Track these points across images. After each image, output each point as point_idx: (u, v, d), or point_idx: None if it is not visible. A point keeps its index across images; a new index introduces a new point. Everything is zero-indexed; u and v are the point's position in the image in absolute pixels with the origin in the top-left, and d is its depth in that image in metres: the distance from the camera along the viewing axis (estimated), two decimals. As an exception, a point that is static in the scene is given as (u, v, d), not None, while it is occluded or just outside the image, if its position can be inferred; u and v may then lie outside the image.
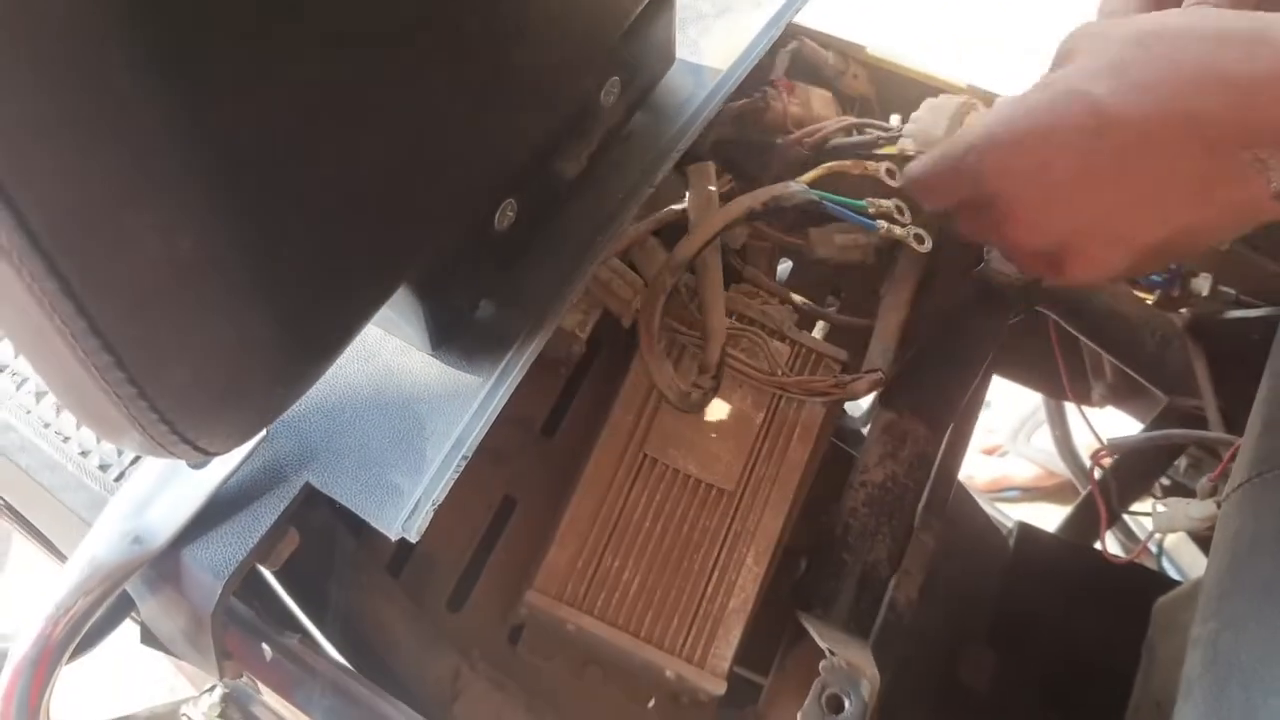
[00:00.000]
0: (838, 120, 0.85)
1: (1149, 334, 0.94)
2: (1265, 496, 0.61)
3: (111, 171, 0.37)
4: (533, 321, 0.65)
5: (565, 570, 0.74)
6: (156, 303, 0.41)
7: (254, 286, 0.44)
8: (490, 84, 0.53)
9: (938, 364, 0.84)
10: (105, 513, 0.58)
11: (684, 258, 0.72)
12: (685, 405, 0.72)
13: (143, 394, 0.43)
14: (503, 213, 0.62)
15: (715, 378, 0.73)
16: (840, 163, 0.80)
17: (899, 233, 0.79)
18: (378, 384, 0.64)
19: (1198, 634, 0.62)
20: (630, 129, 0.73)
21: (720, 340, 0.73)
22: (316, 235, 0.46)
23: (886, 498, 0.82)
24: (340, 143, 0.45)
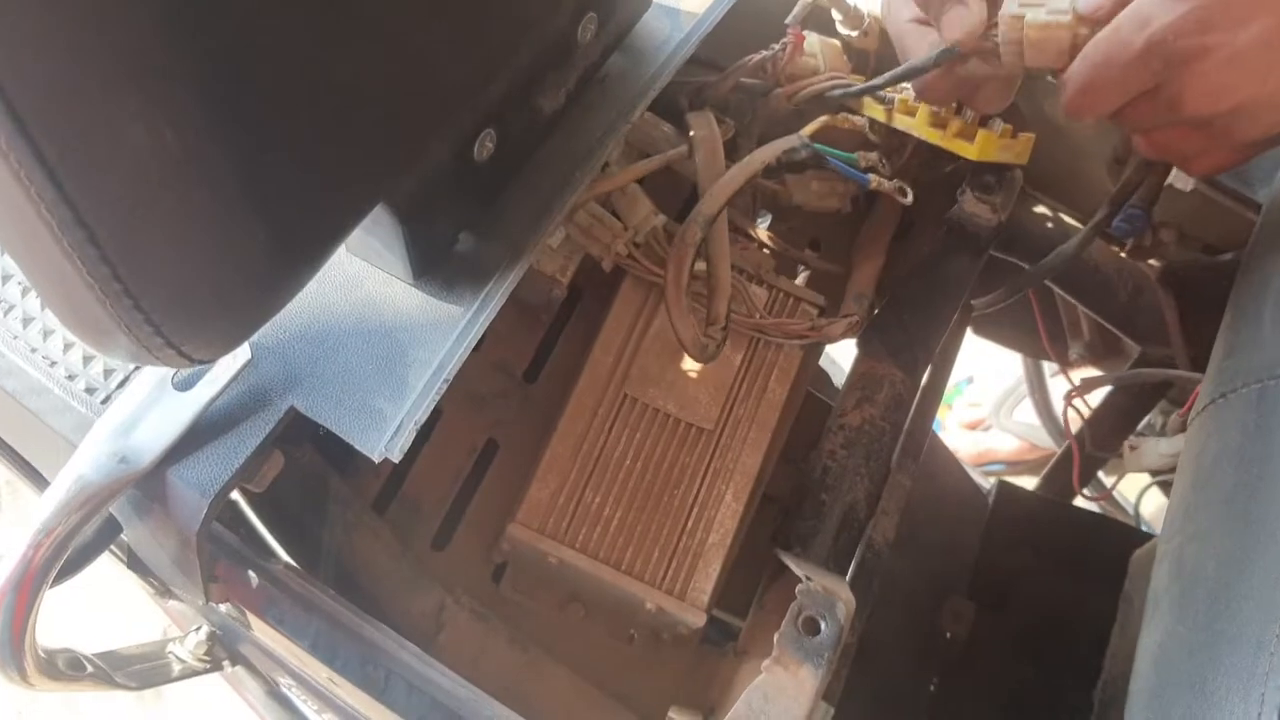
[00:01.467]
0: (825, 76, 0.86)
1: (1122, 285, 0.96)
2: (1226, 415, 0.63)
3: (97, 54, 0.38)
4: (512, 253, 0.67)
5: (547, 505, 0.76)
6: (142, 198, 0.42)
7: (238, 187, 0.45)
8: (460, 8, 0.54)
9: (912, 309, 0.85)
10: (91, 433, 0.59)
11: (711, 213, 0.73)
12: (703, 355, 0.74)
13: (128, 291, 0.44)
14: (481, 143, 0.63)
15: (724, 329, 0.74)
16: (831, 116, 0.82)
17: (887, 186, 0.80)
18: (361, 313, 0.66)
19: (1164, 550, 0.63)
20: (606, 71, 0.75)
21: (727, 293, 0.75)
22: (300, 138, 0.47)
23: (863, 439, 0.84)
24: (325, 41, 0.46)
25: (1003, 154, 0.83)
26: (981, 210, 0.81)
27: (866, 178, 0.84)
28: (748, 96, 0.88)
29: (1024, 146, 0.84)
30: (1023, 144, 0.84)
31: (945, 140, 0.83)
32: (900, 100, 0.86)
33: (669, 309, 0.74)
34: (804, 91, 0.87)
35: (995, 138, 0.82)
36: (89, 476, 0.58)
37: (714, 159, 0.81)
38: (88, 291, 0.44)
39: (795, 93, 0.87)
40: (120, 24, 0.38)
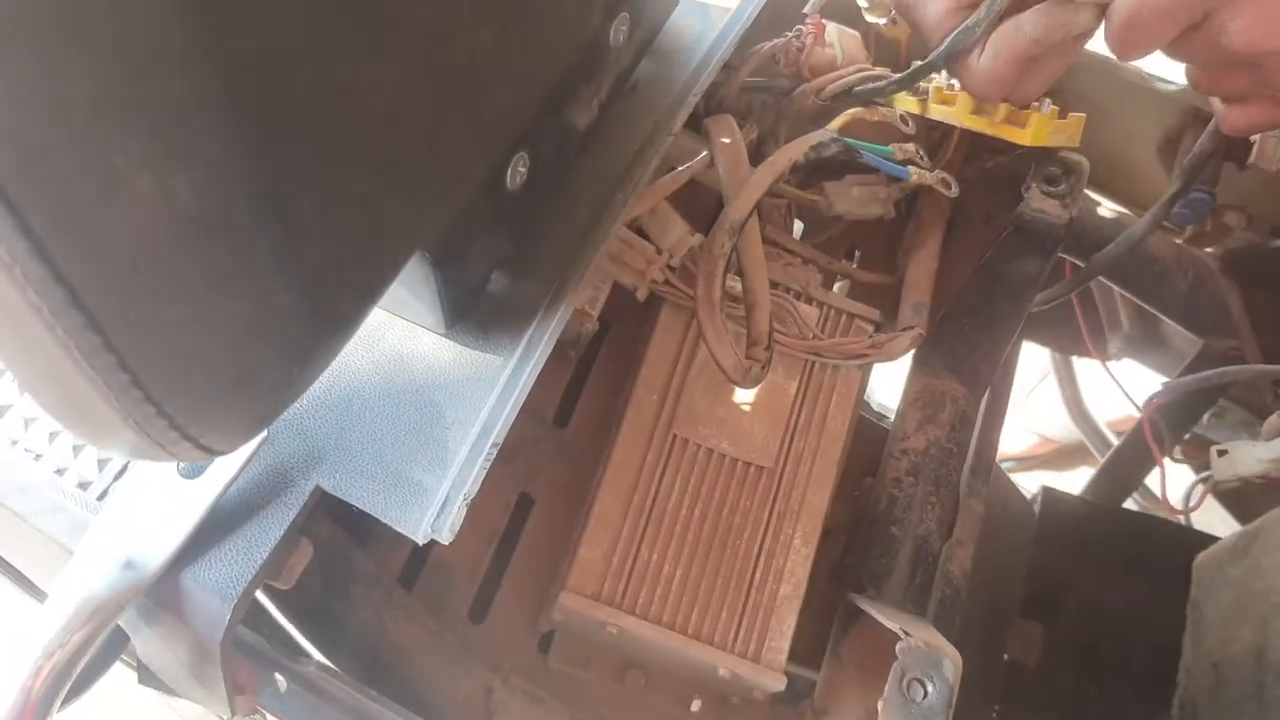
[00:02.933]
0: (853, 69, 0.78)
1: (1181, 275, 0.89)
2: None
3: (92, 94, 0.29)
4: (553, 291, 0.59)
5: (600, 567, 0.68)
6: (151, 267, 0.34)
7: (266, 245, 0.37)
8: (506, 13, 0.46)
9: (974, 317, 0.78)
10: (89, 536, 0.51)
11: (738, 219, 0.65)
12: (745, 380, 0.65)
13: (137, 382, 0.36)
14: (514, 169, 0.55)
15: (768, 348, 0.66)
16: (860, 109, 0.74)
17: (929, 178, 0.73)
18: (387, 371, 0.57)
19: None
20: (637, 78, 0.67)
21: (767, 307, 0.67)
22: (337, 180, 0.39)
23: (930, 465, 0.76)
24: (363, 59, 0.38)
25: (1055, 137, 0.76)
26: (1050, 206, 0.73)
27: (906, 171, 0.77)
28: (770, 97, 0.80)
29: (1075, 127, 0.77)
30: (1074, 125, 0.77)
31: (993, 127, 0.76)
32: (935, 89, 0.79)
33: (702, 330, 0.66)
34: (832, 86, 0.80)
35: (1048, 120, 0.75)
36: (91, 588, 0.49)
37: (738, 164, 0.73)
38: (88, 385, 0.35)
39: (822, 88, 0.80)
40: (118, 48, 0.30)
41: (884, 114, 0.80)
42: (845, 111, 0.74)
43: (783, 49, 0.79)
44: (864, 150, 0.71)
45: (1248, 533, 0.86)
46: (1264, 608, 0.81)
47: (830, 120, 0.79)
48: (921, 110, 0.80)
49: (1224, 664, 0.87)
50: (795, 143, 0.69)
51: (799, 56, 0.78)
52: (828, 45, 0.83)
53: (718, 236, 0.66)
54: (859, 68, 0.81)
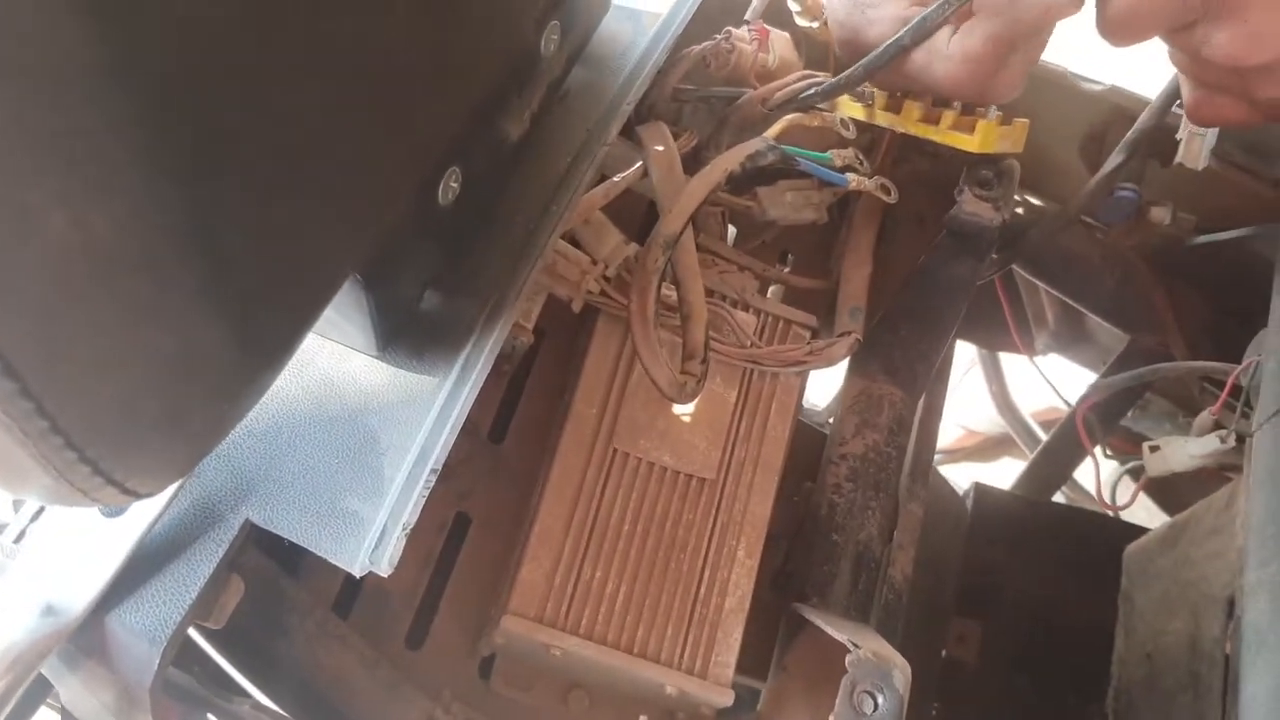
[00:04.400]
0: (799, 77, 0.77)
1: (1108, 272, 0.90)
2: (1310, 421, 0.57)
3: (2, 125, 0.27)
4: (489, 308, 0.57)
5: (542, 588, 0.66)
6: (69, 306, 0.32)
7: (191, 280, 0.35)
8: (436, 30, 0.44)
9: (910, 321, 0.78)
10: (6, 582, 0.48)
11: (673, 232, 0.64)
12: (680, 396, 0.64)
13: (56, 427, 0.33)
14: (446, 185, 0.54)
15: (704, 362, 0.65)
16: (800, 115, 0.74)
17: (868, 184, 0.72)
18: (318, 397, 0.55)
19: (1257, 578, 0.57)
20: (568, 86, 0.65)
21: (703, 319, 0.66)
22: (259, 210, 0.37)
23: (870, 469, 0.76)
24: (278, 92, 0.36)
25: (1002, 143, 0.76)
26: (983, 209, 0.73)
27: (844, 178, 0.76)
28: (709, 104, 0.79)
29: (1020, 133, 0.77)
30: (1019, 130, 0.77)
31: (941, 135, 0.76)
32: (878, 94, 0.79)
33: (636, 346, 0.65)
34: (780, 94, 0.78)
35: (994, 125, 0.75)
36: (9, 637, 0.47)
37: (671, 173, 0.72)
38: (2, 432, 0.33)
39: (768, 96, 0.79)
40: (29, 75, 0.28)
41: (824, 119, 0.79)
42: (783, 118, 0.73)
43: (712, 52, 0.78)
44: (801, 158, 0.71)
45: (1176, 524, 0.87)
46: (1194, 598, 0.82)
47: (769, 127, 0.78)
48: (867, 116, 0.79)
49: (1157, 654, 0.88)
50: (731, 152, 0.68)
51: (730, 59, 0.77)
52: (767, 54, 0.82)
53: (651, 251, 0.65)
54: (804, 74, 0.80)
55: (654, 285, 0.64)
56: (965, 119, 0.73)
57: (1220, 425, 0.74)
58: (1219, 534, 0.80)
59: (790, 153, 0.70)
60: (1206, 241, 0.83)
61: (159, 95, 0.31)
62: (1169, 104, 0.74)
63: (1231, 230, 0.81)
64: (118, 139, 0.30)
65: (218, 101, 0.33)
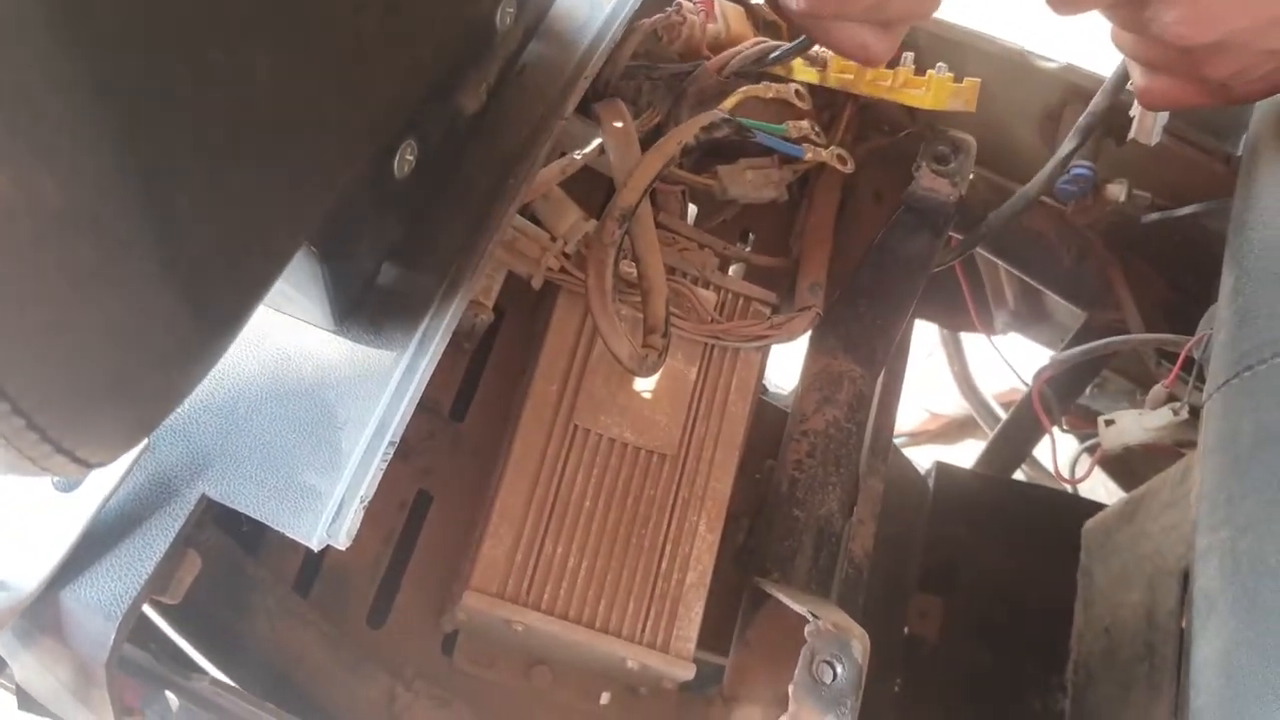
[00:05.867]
0: (753, 43, 0.78)
1: (1065, 250, 0.91)
2: (1258, 390, 0.57)
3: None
4: (447, 282, 0.57)
5: (503, 564, 0.66)
6: (14, 268, 0.31)
7: (141, 244, 0.35)
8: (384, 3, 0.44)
9: (870, 297, 0.78)
10: (-44, 559, 0.47)
11: (628, 206, 0.64)
12: (641, 369, 0.64)
13: (3, 393, 0.33)
14: (402, 157, 0.53)
15: (665, 335, 0.65)
16: (753, 86, 0.74)
17: (824, 155, 0.73)
18: (274, 371, 0.55)
19: (1207, 543, 0.58)
20: (526, 61, 0.65)
21: (664, 293, 0.66)
22: (209, 174, 0.37)
23: (830, 445, 0.77)
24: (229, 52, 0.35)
25: (954, 100, 0.77)
26: (940, 185, 0.74)
27: (799, 149, 0.77)
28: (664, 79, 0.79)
29: (971, 92, 0.78)
30: (970, 89, 0.78)
31: (893, 93, 0.76)
32: (833, 59, 0.79)
33: (595, 320, 0.65)
34: (733, 63, 0.79)
35: (946, 81, 0.75)
36: (-42, 615, 0.46)
37: (628, 149, 0.72)
38: (-55, 399, 0.32)
39: (722, 65, 0.79)
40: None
41: (778, 90, 0.79)
42: (739, 90, 0.73)
43: (664, 24, 0.78)
44: (757, 130, 0.71)
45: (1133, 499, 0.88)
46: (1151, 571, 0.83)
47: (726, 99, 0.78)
48: (821, 79, 0.80)
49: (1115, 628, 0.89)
50: (685, 125, 0.68)
51: (682, 30, 0.77)
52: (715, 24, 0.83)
53: (607, 224, 0.65)
54: (756, 40, 0.80)
55: (611, 259, 0.64)
56: (917, 77, 0.74)
57: (1174, 398, 0.75)
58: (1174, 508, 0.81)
59: (745, 125, 0.70)
60: (1161, 218, 0.84)
61: (105, 53, 0.31)
62: (1123, 82, 0.75)
63: (1185, 206, 0.82)
64: (61, 98, 0.30)
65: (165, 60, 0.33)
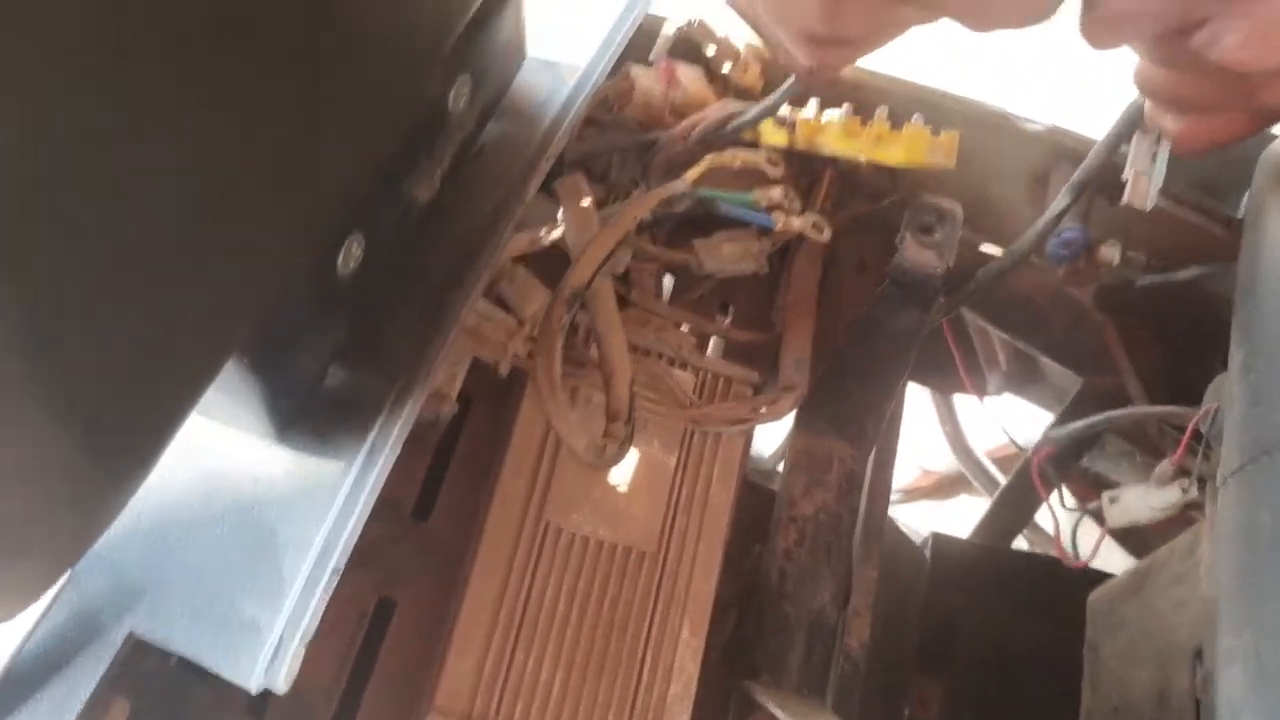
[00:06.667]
0: (720, 108, 0.74)
1: (1058, 314, 0.87)
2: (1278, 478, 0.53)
3: None
4: (400, 384, 0.52)
5: (471, 679, 0.61)
6: None
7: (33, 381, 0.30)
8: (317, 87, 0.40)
9: (857, 374, 0.74)
10: None
11: (578, 286, 0.60)
12: (600, 462, 0.60)
13: None
14: (347, 252, 0.49)
15: (629, 423, 0.61)
16: (719, 155, 0.70)
17: (796, 224, 0.69)
18: (209, 489, 0.50)
19: (1230, 646, 0.53)
20: (484, 142, 0.61)
21: (627, 377, 0.62)
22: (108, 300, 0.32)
23: (821, 532, 0.72)
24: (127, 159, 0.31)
25: (931, 155, 0.73)
26: (926, 257, 0.70)
27: (769, 219, 0.73)
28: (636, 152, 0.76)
29: (950, 144, 0.75)
30: (948, 141, 0.75)
31: (865, 149, 0.73)
32: (802, 121, 0.76)
33: (545, 410, 0.61)
34: (698, 130, 0.75)
35: (922, 134, 0.72)
36: None
37: (588, 228, 0.68)
38: None
39: (687, 133, 0.75)
40: None
41: (745, 159, 0.75)
42: (704, 160, 0.70)
43: (614, 92, 0.74)
44: (721, 201, 0.67)
45: (1140, 570, 0.84)
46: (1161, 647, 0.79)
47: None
48: (789, 143, 0.76)
49: (1125, 709, 0.85)
50: (641, 199, 0.64)
51: (632, 96, 0.74)
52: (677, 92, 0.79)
53: (555, 307, 0.60)
54: (723, 104, 0.77)
55: (559, 345, 0.60)
56: (890, 133, 0.70)
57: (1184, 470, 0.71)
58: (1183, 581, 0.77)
59: (709, 196, 0.66)
60: (1158, 281, 0.80)
61: None
62: (1118, 140, 0.71)
63: (1184, 270, 0.78)
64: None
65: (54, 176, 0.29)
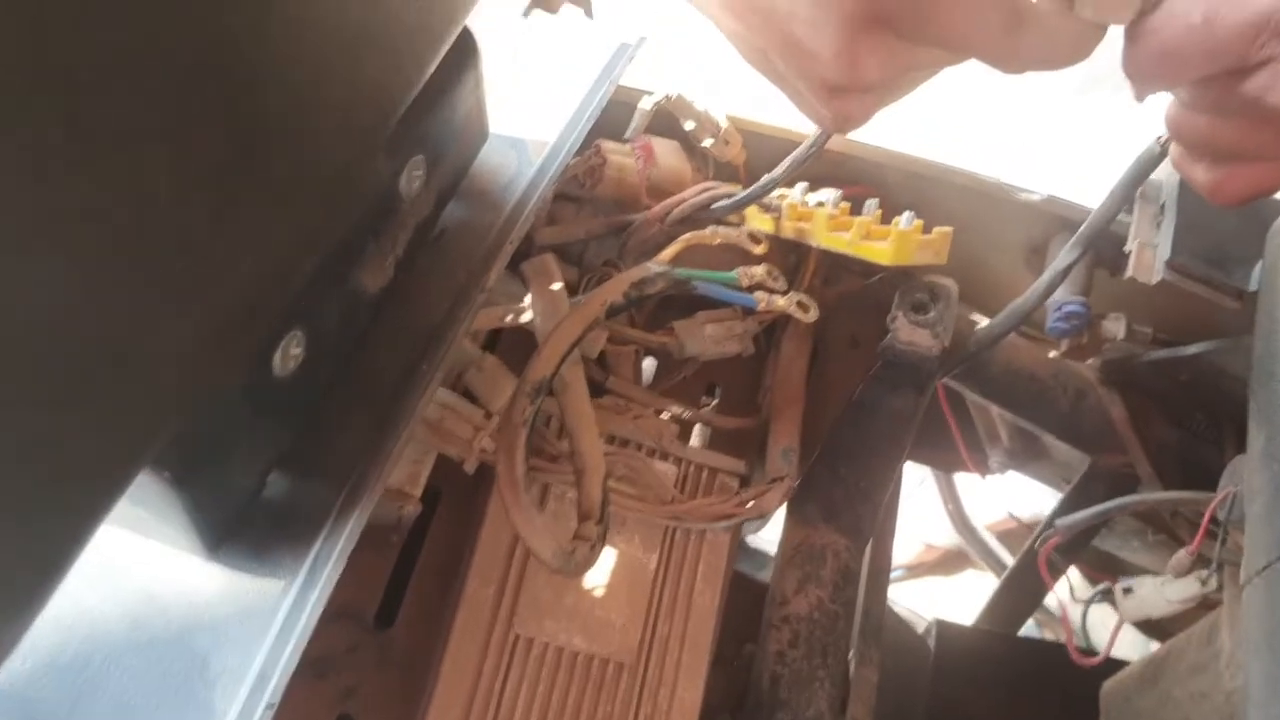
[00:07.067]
0: (699, 189, 0.70)
1: (1061, 391, 0.83)
2: (1311, 578, 0.49)
3: None
4: (347, 491, 0.48)
5: (435, 807, 0.56)
6: None
7: None
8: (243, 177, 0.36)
9: (848, 461, 0.70)
10: None
11: (541, 377, 0.56)
12: (570, 568, 0.55)
13: None
14: (285, 351, 0.45)
15: (601, 522, 0.56)
16: (698, 233, 0.66)
17: (780, 303, 0.65)
18: (135, 614, 0.45)
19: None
20: (444, 225, 0.57)
21: (600, 474, 0.57)
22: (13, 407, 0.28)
23: (816, 632, 0.67)
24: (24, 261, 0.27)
25: (920, 254, 0.70)
26: (920, 336, 0.66)
27: (750, 299, 0.69)
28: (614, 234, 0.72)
29: (942, 244, 0.71)
30: (940, 240, 0.71)
31: (852, 246, 0.69)
32: (789, 205, 0.72)
33: (508, 512, 0.56)
34: (676, 211, 0.72)
35: (911, 235, 0.68)
36: None
37: (556, 313, 0.64)
38: None
39: (665, 214, 0.72)
40: None
41: (725, 236, 0.72)
42: (681, 238, 0.66)
43: (584, 169, 0.71)
44: (699, 280, 0.63)
45: (1155, 660, 0.79)
46: (1181, 743, 0.74)
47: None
48: (775, 229, 0.73)
49: (1145, 806, 0.79)
50: (611, 282, 0.60)
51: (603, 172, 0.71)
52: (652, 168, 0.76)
53: (517, 401, 0.56)
54: (704, 186, 0.73)
55: (522, 441, 0.55)
56: (879, 228, 0.67)
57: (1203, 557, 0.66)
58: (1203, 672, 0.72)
59: (684, 276, 0.62)
60: (1166, 356, 0.76)
61: None
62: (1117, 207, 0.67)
63: (1191, 344, 0.74)
64: None
65: None
